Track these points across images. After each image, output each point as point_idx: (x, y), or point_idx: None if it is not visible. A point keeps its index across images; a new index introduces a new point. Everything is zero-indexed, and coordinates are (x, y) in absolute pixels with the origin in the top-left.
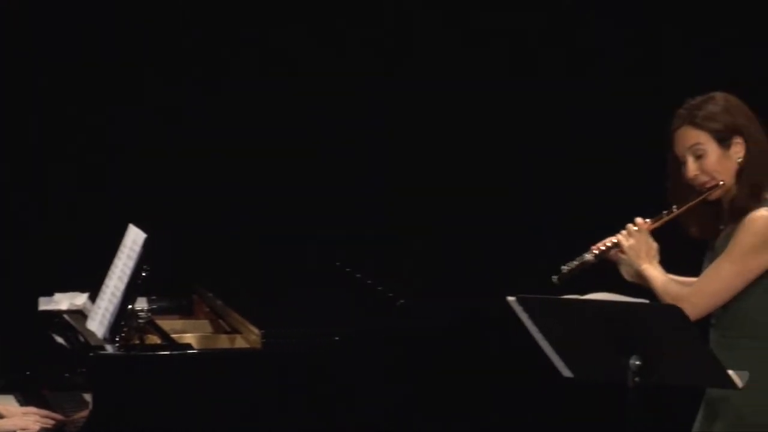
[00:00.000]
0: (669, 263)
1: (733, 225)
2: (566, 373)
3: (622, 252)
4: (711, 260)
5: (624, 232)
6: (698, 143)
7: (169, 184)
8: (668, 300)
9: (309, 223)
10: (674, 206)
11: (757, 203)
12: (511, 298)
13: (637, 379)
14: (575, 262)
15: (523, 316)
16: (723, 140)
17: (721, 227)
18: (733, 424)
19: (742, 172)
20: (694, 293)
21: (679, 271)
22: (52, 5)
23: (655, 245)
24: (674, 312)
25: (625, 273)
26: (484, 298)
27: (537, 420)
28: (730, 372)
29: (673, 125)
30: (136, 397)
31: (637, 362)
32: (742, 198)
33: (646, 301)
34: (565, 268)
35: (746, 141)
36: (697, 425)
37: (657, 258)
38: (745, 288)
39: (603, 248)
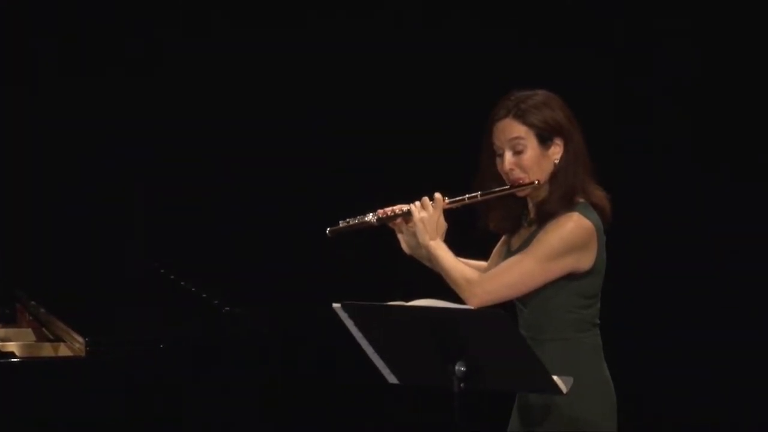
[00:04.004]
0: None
1: (539, 225)
2: (392, 379)
3: (408, 222)
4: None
5: (418, 203)
6: (519, 137)
7: None
8: (459, 280)
9: (136, 230)
10: (479, 192)
11: (568, 208)
12: (336, 305)
13: (462, 385)
14: (355, 221)
15: (349, 323)
16: (544, 139)
17: (524, 225)
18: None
19: (557, 174)
20: (489, 279)
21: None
22: None
23: (444, 225)
24: (499, 318)
25: (405, 245)
26: (311, 304)
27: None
28: (555, 378)
29: (497, 115)
30: None
31: (463, 368)
32: (552, 201)
33: (471, 307)
34: (342, 222)
35: (566, 143)
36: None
37: (443, 238)
38: (552, 288)
39: (390, 214)
